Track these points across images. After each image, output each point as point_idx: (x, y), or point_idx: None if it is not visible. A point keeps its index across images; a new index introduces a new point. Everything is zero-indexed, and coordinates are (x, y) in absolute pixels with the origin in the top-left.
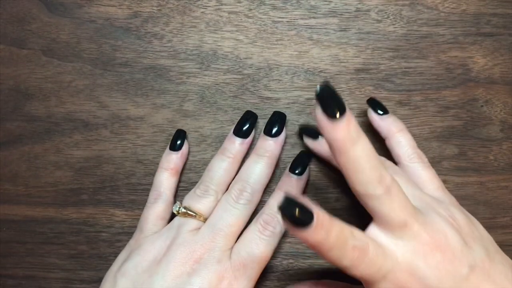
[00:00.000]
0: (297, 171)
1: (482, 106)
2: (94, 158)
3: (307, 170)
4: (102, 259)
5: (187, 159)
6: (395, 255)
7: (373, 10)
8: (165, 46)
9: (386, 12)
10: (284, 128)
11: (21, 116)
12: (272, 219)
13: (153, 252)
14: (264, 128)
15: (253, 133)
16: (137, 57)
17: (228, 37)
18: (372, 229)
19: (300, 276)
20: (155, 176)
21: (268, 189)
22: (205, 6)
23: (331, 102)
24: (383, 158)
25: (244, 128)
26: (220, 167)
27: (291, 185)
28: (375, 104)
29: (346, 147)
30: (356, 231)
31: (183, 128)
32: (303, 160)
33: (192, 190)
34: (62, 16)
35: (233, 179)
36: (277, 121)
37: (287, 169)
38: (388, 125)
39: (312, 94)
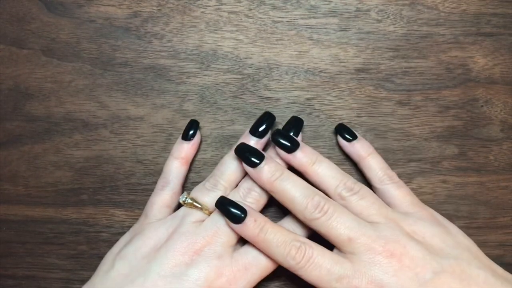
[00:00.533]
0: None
1: (482, 106)
2: (94, 158)
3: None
4: (102, 259)
5: (198, 149)
6: (349, 264)
7: (373, 10)
8: (165, 46)
9: (386, 12)
10: (301, 133)
11: (21, 116)
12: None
13: (154, 239)
14: (275, 136)
15: (269, 134)
16: (137, 57)
17: (228, 37)
18: (334, 250)
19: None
20: (165, 164)
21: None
22: (205, 6)
23: (248, 154)
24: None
25: (261, 129)
26: (232, 163)
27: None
28: (342, 130)
29: (273, 184)
30: (301, 237)
31: (183, 128)
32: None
33: (202, 183)
34: (61, 16)
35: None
36: (292, 129)
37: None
38: (357, 150)
39: (312, 94)
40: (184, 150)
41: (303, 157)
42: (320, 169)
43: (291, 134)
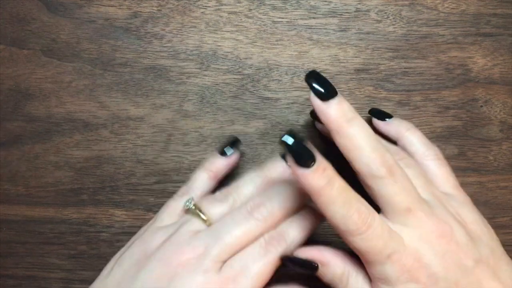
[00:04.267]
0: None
1: (481, 106)
2: (94, 158)
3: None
4: (102, 259)
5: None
6: (401, 238)
7: (373, 10)
8: (165, 46)
9: (386, 12)
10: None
11: (21, 116)
12: (278, 237)
13: (149, 244)
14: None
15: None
16: (137, 57)
17: (228, 37)
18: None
19: (300, 276)
20: (193, 172)
21: None
22: (205, 6)
23: (317, 84)
24: (395, 147)
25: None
26: (252, 182)
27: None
28: (377, 113)
29: (342, 126)
30: (363, 199)
31: (183, 128)
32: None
33: (214, 194)
34: (62, 16)
35: None
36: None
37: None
38: (396, 127)
39: None
40: (216, 165)
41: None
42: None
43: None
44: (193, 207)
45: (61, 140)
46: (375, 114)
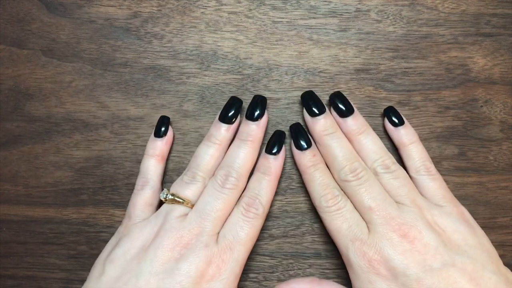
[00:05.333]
0: (273, 151)
1: (482, 106)
2: (94, 158)
3: (283, 149)
4: None
5: (172, 145)
6: (366, 230)
7: (373, 10)
8: (165, 46)
9: (386, 12)
10: (266, 111)
11: (21, 116)
12: (254, 201)
13: (141, 239)
14: (246, 113)
15: (238, 118)
16: (137, 57)
17: (228, 37)
18: None
19: (300, 276)
20: (141, 163)
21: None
22: (205, 6)
23: (311, 103)
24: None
25: (230, 114)
26: (207, 153)
27: (268, 165)
28: (390, 113)
29: (323, 138)
30: (340, 189)
31: (183, 129)
32: (278, 139)
33: (180, 177)
34: (62, 16)
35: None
36: (258, 104)
37: (263, 150)
38: (401, 137)
39: None
40: (158, 148)
41: (353, 124)
42: (365, 140)
43: (257, 113)
44: (171, 197)
45: (61, 140)
46: (388, 114)
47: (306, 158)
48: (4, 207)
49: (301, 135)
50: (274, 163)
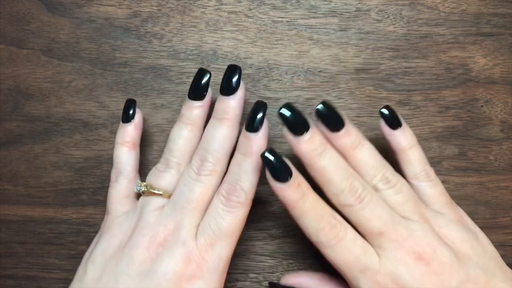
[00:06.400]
0: (254, 128)
1: (482, 106)
2: (94, 158)
3: (265, 124)
4: None
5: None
6: (376, 257)
7: (373, 10)
8: (165, 46)
9: (386, 12)
10: (242, 82)
11: (21, 116)
12: (234, 188)
13: (119, 236)
14: (220, 86)
15: (210, 92)
16: (137, 57)
17: (228, 37)
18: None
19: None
20: (113, 153)
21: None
22: (205, 6)
23: (291, 119)
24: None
25: (199, 88)
26: (180, 136)
27: (249, 145)
28: (388, 117)
29: (313, 160)
30: (337, 214)
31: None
32: (258, 113)
33: (154, 167)
34: (61, 16)
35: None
36: (232, 75)
37: (243, 128)
38: (399, 141)
39: (312, 94)
40: (128, 134)
41: (346, 139)
42: (361, 155)
43: (232, 86)
44: (145, 188)
45: (61, 140)
46: (383, 114)
47: (291, 191)
48: (3, 207)
49: (278, 165)
50: (255, 142)
